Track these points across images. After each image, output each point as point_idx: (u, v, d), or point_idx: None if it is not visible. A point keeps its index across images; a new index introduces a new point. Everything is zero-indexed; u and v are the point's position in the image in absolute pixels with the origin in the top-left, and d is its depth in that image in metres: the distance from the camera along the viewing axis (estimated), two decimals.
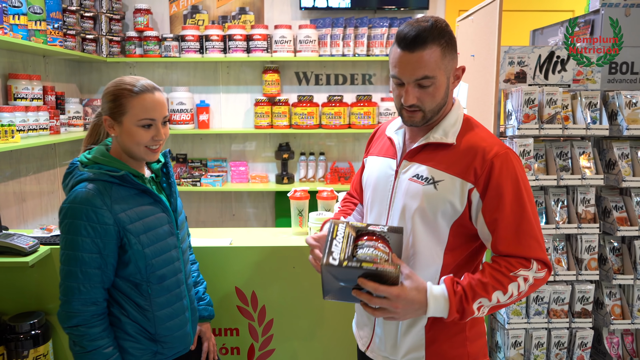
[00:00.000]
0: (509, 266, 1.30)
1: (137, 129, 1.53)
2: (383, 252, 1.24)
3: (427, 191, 1.36)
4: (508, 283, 1.28)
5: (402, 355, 1.45)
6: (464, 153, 1.34)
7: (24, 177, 3.29)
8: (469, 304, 1.27)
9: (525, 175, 1.37)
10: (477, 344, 1.44)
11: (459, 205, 1.33)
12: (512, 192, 1.31)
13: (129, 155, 1.58)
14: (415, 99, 1.33)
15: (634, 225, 2.12)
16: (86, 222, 1.46)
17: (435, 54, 1.30)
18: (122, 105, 1.52)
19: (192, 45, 3.94)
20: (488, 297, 1.28)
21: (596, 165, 2.13)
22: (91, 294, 1.48)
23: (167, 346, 1.62)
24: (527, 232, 1.31)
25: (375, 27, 3.98)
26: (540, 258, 1.32)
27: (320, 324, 2.20)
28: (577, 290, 2.15)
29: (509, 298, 1.30)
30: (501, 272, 1.29)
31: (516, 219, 1.31)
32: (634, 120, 2.10)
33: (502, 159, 1.31)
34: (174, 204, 1.69)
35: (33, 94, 3.16)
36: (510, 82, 2.15)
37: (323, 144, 4.32)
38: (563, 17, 2.99)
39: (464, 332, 1.40)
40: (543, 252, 1.33)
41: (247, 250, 2.17)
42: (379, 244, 1.26)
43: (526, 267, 1.30)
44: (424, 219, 1.37)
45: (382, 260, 1.22)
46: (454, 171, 1.34)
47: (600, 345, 2.24)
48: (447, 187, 1.34)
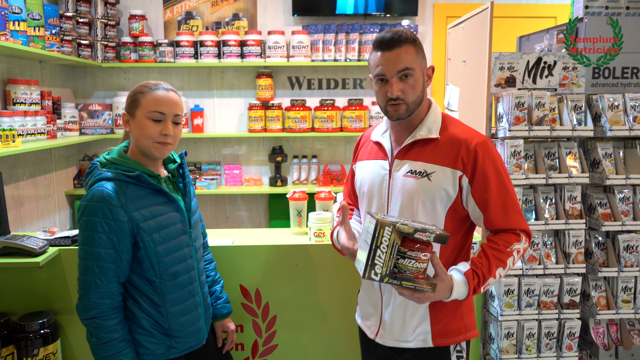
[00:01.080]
0: (505, 243, 1.48)
1: (147, 122, 1.60)
2: (423, 262, 1.29)
3: (422, 183, 1.52)
4: (507, 258, 1.48)
5: (411, 336, 1.58)
6: (449, 145, 1.52)
7: (21, 182, 3.32)
8: (479, 288, 1.45)
9: (501, 158, 1.57)
10: (470, 316, 1.63)
11: (452, 192, 1.51)
12: (495, 175, 1.49)
13: (141, 150, 1.65)
14: (399, 91, 1.49)
15: (617, 221, 2.24)
16: (102, 219, 1.53)
17: (410, 51, 1.50)
18: (137, 100, 1.61)
19: (186, 50, 4.01)
20: (493, 276, 1.46)
21: (582, 165, 2.25)
22: (107, 287, 1.55)
23: (180, 341, 1.68)
24: (512, 207, 1.51)
25: (366, 32, 4.09)
26: (525, 229, 1.52)
27: (322, 319, 2.28)
28: (565, 282, 2.26)
29: (507, 270, 1.50)
30: (499, 249, 1.47)
31: (502, 197, 1.50)
32: (616, 122, 2.22)
33: (483, 147, 1.51)
34: (188, 203, 1.75)
35: (31, 99, 3.20)
36: (500, 86, 2.27)
37: (315, 147, 4.41)
38: (546, 24, 3.13)
39: (460, 306, 1.58)
40: (526, 224, 1.53)
41: (250, 249, 2.24)
42: (420, 254, 1.29)
43: (518, 241, 1.49)
44: (423, 208, 1.52)
45: (420, 272, 1.29)
46: (444, 162, 1.51)
47: (587, 335, 2.36)
48: (440, 177, 1.51)
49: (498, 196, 1.49)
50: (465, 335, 1.60)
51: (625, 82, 2.33)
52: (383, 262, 1.29)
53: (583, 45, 2.25)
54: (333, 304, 2.27)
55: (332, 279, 2.24)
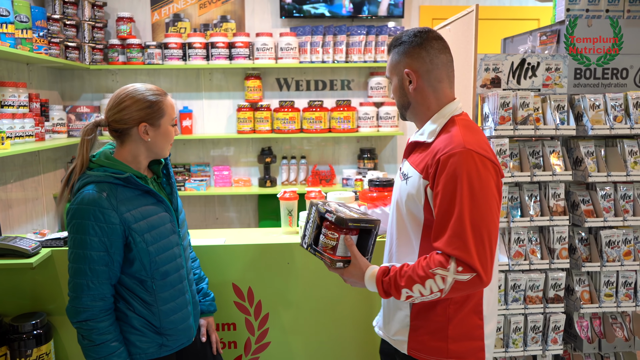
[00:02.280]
0: (430, 262, 1.38)
1: (171, 129, 1.69)
2: (331, 240, 1.54)
3: (402, 186, 1.56)
4: (426, 279, 1.37)
5: (392, 334, 1.62)
6: (429, 152, 1.49)
7: (9, 184, 3.31)
8: (392, 291, 1.44)
9: (481, 176, 1.39)
10: (463, 345, 1.51)
11: (418, 199, 1.48)
12: (450, 190, 1.37)
13: (156, 155, 1.70)
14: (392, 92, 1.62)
15: (599, 217, 2.31)
16: (94, 222, 1.54)
17: (391, 59, 1.58)
18: (160, 110, 1.65)
19: (175, 52, 4.02)
20: (410, 289, 1.40)
21: (565, 163, 2.32)
22: (99, 289, 1.56)
23: (172, 338, 1.71)
24: (454, 230, 1.35)
25: (353, 34, 4.14)
26: (461, 258, 1.34)
27: (314, 317, 2.31)
28: (550, 277, 2.32)
29: (431, 293, 1.38)
30: (422, 267, 1.39)
31: (447, 215, 1.37)
32: (597, 121, 2.29)
33: (449, 157, 1.39)
34: (175, 203, 1.78)
35: (19, 101, 3.19)
36: (486, 87, 2.32)
37: (304, 148, 4.45)
38: (529, 26, 3.20)
39: (445, 328, 1.50)
40: (467, 254, 1.34)
41: (242, 248, 2.27)
42: (329, 232, 1.54)
43: (443, 267, 1.35)
44: (399, 211, 1.57)
45: (328, 248, 1.54)
46: (419, 168, 1.50)
47: (571, 329, 2.42)
48: (413, 182, 1.51)
49: (441, 212, 1.39)
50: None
51: (605, 83, 2.40)
52: (309, 234, 1.63)
53: (583, 45, 2.32)
54: (325, 301, 2.30)
55: (323, 277, 2.27)
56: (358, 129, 4.22)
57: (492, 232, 1.39)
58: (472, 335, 1.52)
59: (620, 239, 2.32)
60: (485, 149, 1.45)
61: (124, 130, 1.64)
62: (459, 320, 1.50)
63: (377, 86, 4.23)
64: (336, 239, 1.52)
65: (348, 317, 2.32)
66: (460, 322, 1.51)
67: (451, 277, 1.35)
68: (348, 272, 1.53)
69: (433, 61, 1.52)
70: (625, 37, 2.36)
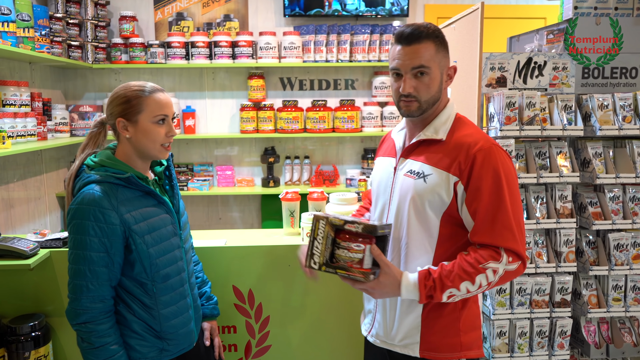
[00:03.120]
0: (478, 258, 1.38)
1: (153, 126, 1.61)
2: (357, 252, 1.40)
3: (417, 184, 1.48)
4: (476, 275, 1.38)
5: (398, 340, 1.55)
6: (452, 148, 1.46)
7: (11, 184, 3.29)
8: (436, 293, 1.39)
9: (510, 168, 1.44)
10: (470, 335, 1.52)
11: (446, 197, 1.44)
12: (490, 184, 1.39)
13: (144, 155, 1.64)
14: (412, 88, 1.45)
15: (607, 220, 2.26)
16: (94, 223, 1.51)
17: (430, 48, 1.45)
18: (136, 105, 1.59)
19: (178, 51, 4.00)
20: (456, 287, 1.39)
21: (572, 164, 2.27)
22: (99, 291, 1.53)
23: (173, 343, 1.68)
24: (502, 223, 1.39)
25: (357, 33, 4.10)
26: (511, 248, 1.39)
27: (315, 319, 2.28)
28: (557, 281, 2.28)
29: (478, 288, 1.40)
30: (470, 263, 1.38)
31: (493, 209, 1.39)
32: (605, 122, 2.25)
33: (484, 153, 1.41)
34: (176, 205, 1.75)
35: (21, 100, 3.17)
36: (491, 86, 2.28)
37: (308, 148, 4.41)
38: (536, 24, 3.15)
39: (458, 322, 1.50)
40: (516, 244, 1.39)
41: (243, 249, 2.24)
42: (352, 244, 1.40)
43: (496, 259, 1.38)
44: (415, 210, 1.48)
45: (354, 262, 1.40)
46: (442, 165, 1.45)
47: (578, 334, 2.38)
48: (436, 180, 1.45)
49: (488, 207, 1.39)
50: (461, 354, 1.50)
51: (614, 82, 2.35)
52: (320, 252, 1.45)
53: (583, 45, 2.28)
54: (326, 304, 2.27)
55: (325, 280, 2.24)
56: (362, 129, 4.18)
57: (523, 221, 1.47)
58: (476, 324, 1.55)
59: (629, 242, 2.28)
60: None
61: (113, 126, 1.64)
62: (467, 312, 1.52)
63: (382, 86, 4.19)
64: (362, 250, 1.40)
65: (351, 321, 2.28)
66: (468, 314, 1.52)
67: (502, 269, 1.38)
68: (380, 284, 1.42)
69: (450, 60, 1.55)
70: (635, 35, 2.31)
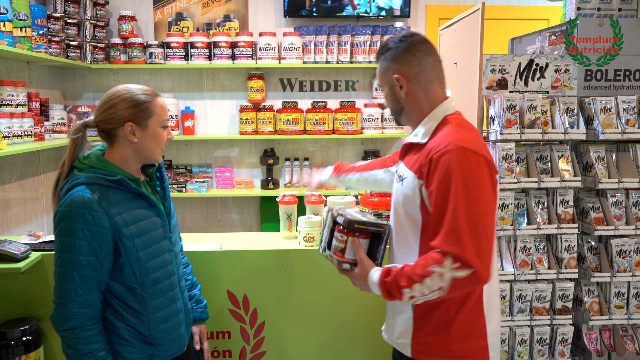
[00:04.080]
0: (427, 260, 1.38)
1: (161, 130, 1.63)
2: (340, 242, 1.57)
3: (398, 187, 1.56)
4: (424, 277, 1.37)
5: (396, 337, 1.60)
6: (423, 152, 1.48)
7: (7, 184, 3.27)
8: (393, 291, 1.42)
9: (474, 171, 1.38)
10: (466, 344, 1.49)
11: (415, 199, 1.48)
12: (444, 187, 1.37)
13: (145, 158, 1.64)
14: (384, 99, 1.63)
15: (610, 225, 2.21)
16: (83, 225, 1.48)
17: (379, 68, 1.59)
18: (147, 109, 1.58)
19: (177, 52, 3.96)
20: (409, 287, 1.39)
21: (574, 168, 2.22)
22: (88, 296, 1.50)
23: (162, 348, 1.64)
24: (449, 227, 1.35)
25: (358, 34, 4.06)
26: (456, 254, 1.33)
27: (311, 325, 2.24)
28: (558, 288, 2.23)
29: (431, 292, 1.37)
30: (421, 265, 1.39)
31: (442, 212, 1.37)
32: (608, 125, 2.20)
33: (442, 154, 1.39)
34: (167, 207, 1.72)
35: (18, 100, 3.14)
36: (492, 88, 2.24)
37: (307, 150, 4.37)
38: (539, 26, 3.10)
39: (448, 328, 1.49)
40: (462, 250, 1.33)
41: (238, 254, 2.21)
42: (338, 234, 1.58)
43: (439, 264, 1.34)
44: (398, 213, 1.56)
45: (338, 250, 1.57)
46: (414, 169, 1.49)
47: (579, 341, 2.33)
48: (408, 183, 1.50)
49: (438, 210, 1.39)
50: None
51: (617, 85, 2.30)
52: (324, 238, 1.67)
53: (583, 45, 2.23)
54: (322, 310, 2.23)
55: (321, 285, 2.21)
56: (362, 131, 4.14)
57: (488, 228, 1.38)
58: (475, 334, 1.51)
59: (631, 248, 2.23)
60: (479, 146, 1.44)
61: (111, 130, 1.60)
62: (461, 320, 1.49)
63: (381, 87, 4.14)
64: (345, 241, 1.56)
65: (347, 327, 2.24)
66: (463, 322, 1.49)
67: (448, 274, 1.34)
68: (354, 275, 1.55)
69: (421, 64, 1.52)
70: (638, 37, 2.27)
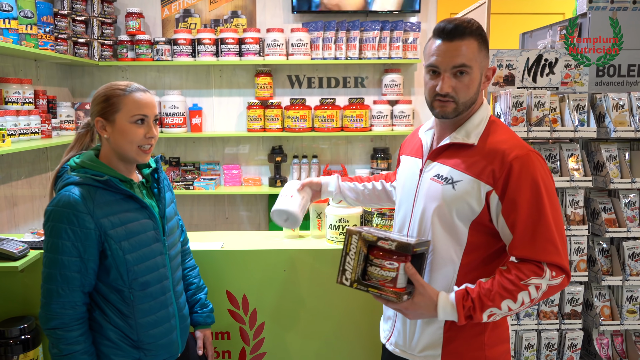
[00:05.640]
0: (519, 274, 1.30)
1: (131, 126, 1.55)
2: (390, 271, 1.34)
3: (445, 191, 1.39)
4: (518, 292, 1.30)
5: (418, 351, 1.48)
6: (485, 155, 1.37)
7: (15, 182, 3.28)
8: (476, 314, 1.31)
9: (548, 177, 1.36)
10: (497, 349, 1.45)
11: (477, 206, 1.36)
12: (529, 195, 1.30)
13: (121, 156, 1.59)
14: (451, 87, 1.36)
15: (622, 227, 2.13)
16: (67, 226, 1.47)
17: (472, 46, 1.35)
18: (114, 104, 1.54)
19: (184, 48, 3.94)
20: (497, 306, 1.31)
21: (584, 167, 2.15)
22: (70, 297, 1.49)
23: (151, 354, 1.61)
24: (543, 235, 1.30)
25: (367, 30, 4.00)
26: (555, 262, 1.31)
27: (311, 326, 2.20)
28: (567, 291, 2.16)
29: (521, 305, 1.32)
30: (511, 281, 1.30)
31: (533, 222, 1.30)
32: (621, 123, 2.11)
33: (521, 161, 1.32)
34: (162, 210, 1.68)
35: (24, 97, 3.15)
36: (498, 85, 2.16)
37: (316, 147, 4.33)
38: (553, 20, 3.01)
39: (482, 335, 1.42)
40: (560, 257, 1.31)
41: (238, 253, 2.17)
42: (385, 262, 1.34)
43: (538, 275, 1.30)
44: (441, 218, 1.40)
45: (387, 280, 1.33)
46: (473, 172, 1.36)
47: (590, 347, 2.25)
48: (465, 187, 1.36)
49: (529, 220, 1.31)
50: None
51: (631, 81, 2.22)
52: (352, 268, 1.39)
53: (585, 45, 2.15)
54: (323, 311, 2.19)
55: (321, 285, 2.16)
56: (371, 128, 4.08)
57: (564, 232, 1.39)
58: (503, 337, 1.48)
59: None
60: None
61: (93, 127, 1.62)
62: (493, 324, 1.43)
63: (392, 84, 4.08)
64: (396, 269, 1.34)
65: (347, 328, 2.20)
66: (495, 326, 1.44)
67: (545, 284, 1.31)
68: (414, 305, 1.36)
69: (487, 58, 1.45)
70: None
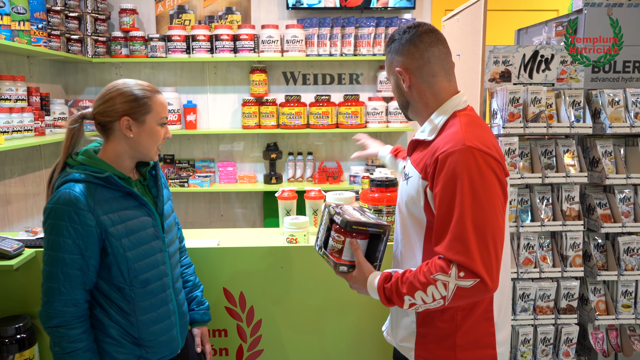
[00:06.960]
0: (431, 268, 1.31)
1: (158, 128, 1.59)
2: (337, 242, 1.49)
3: (402, 186, 1.50)
4: (427, 285, 1.30)
5: (399, 340, 1.54)
6: (429, 151, 1.40)
7: (8, 180, 3.25)
8: (394, 298, 1.36)
9: (481, 175, 1.29)
10: (472, 353, 1.42)
11: (419, 200, 1.40)
12: (449, 191, 1.29)
13: (140, 156, 1.60)
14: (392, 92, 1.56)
15: (617, 222, 2.15)
16: (68, 223, 1.46)
17: (386, 59, 1.53)
18: (146, 105, 1.55)
19: (178, 45, 3.92)
20: (412, 296, 1.32)
21: (580, 163, 2.16)
22: (72, 295, 1.48)
23: (152, 351, 1.61)
24: (454, 233, 1.27)
25: (362, 26, 3.99)
26: (462, 263, 1.26)
27: (309, 323, 2.20)
28: (563, 286, 2.17)
29: (433, 301, 1.30)
30: (424, 273, 1.31)
31: (447, 218, 1.29)
32: (616, 119, 2.12)
33: (448, 155, 1.30)
34: (161, 207, 1.68)
35: (17, 95, 3.12)
36: (495, 81, 2.17)
37: (311, 144, 4.32)
38: (547, 17, 3.01)
39: (453, 336, 1.41)
40: (469, 259, 1.26)
41: (235, 251, 2.17)
42: (335, 234, 1.50)
43: (445, 272, 1.27)
44: (402, 212, 1.50)
45: (334, 251, 1.50)
46: (419, 167, 1.42)
47: (585, 341, 2.27)
48: (413, 183, 1.43)
49: (443, 216, 1.30)
50: None
51: (626, 77, 2.23)
52: (320, 236, 1.60)
53: (583, 45, 2.15)
54: (320, 307, 2.19)
55: (318, 282, 2.16)
56: (366, 125, 4.08)
57: (496, 235, 1.29)
58: (483, 343, 1.43)
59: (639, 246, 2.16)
60: (488, 146, 1.34)
61: (108, 124, 1.56)
62: (468, 327, 1.41)
63: (387, 80, 4.06)
64: (342, 242, 1.48)
65: (345, 325, 2.20)
66: (470, 330, 1.41)
67: (453, 283, 1.27)
68: (352, 278, 1.48)
69: (423, 56, 1.43)
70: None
